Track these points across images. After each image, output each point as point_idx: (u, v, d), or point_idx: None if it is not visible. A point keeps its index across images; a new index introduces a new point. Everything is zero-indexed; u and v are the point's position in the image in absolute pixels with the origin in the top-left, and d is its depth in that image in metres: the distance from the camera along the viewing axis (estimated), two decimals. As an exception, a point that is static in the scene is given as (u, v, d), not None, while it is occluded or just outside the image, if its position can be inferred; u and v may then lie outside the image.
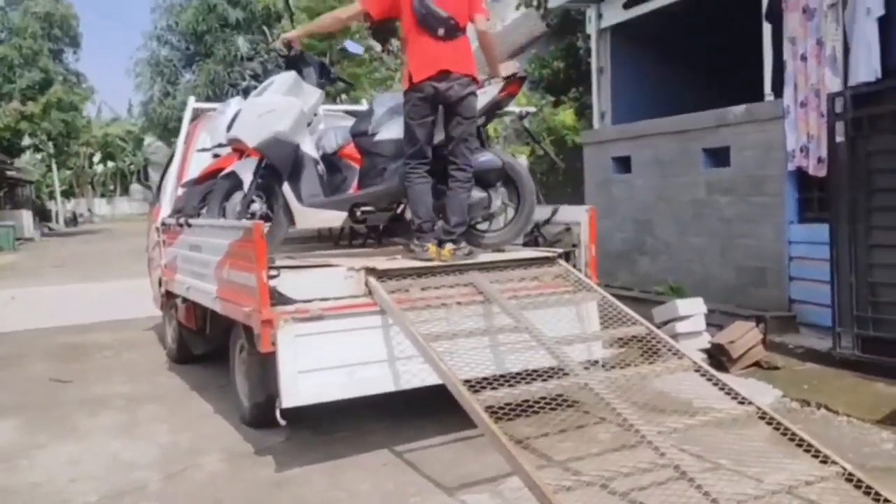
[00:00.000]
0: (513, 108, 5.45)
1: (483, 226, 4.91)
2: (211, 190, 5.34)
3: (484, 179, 4.74)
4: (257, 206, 4.86)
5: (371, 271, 4.29)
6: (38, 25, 29.26)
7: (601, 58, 8.75)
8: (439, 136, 4.61)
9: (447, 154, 4.55)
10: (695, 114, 7.19)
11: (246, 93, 6.50)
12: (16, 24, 29.34)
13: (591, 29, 8.86)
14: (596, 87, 8.83)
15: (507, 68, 4.74)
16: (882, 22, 5.45)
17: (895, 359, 4.75)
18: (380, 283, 4.23)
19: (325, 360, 3.97)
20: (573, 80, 12.09)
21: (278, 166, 4.79)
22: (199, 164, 6.03)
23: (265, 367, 4.19)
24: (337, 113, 6.78)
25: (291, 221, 4.99)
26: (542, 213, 5.18)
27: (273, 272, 4.02)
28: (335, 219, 5.02)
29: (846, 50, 5.72)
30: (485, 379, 3.67)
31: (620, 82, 8.66)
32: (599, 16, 8.62)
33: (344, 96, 12.32)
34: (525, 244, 5.17)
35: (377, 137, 4.79)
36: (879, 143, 5.07)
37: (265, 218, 4.72)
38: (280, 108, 4.76)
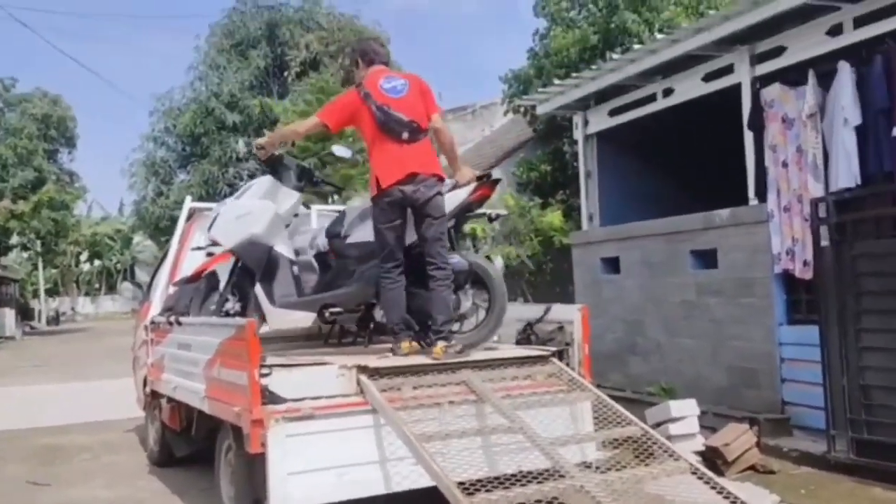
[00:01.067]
0: (484, 209, 5.44)
1: (454, 327, 4.85)
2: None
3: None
4: (230, 305, 4.92)
5: (363, 369, 4.24)
6: (34, 126, 29.84)
7: (588, 162, 9.01)
8: (412, 238, 4.65)
9: (424, 255, 4.56)
10: (682, 216, 7.36)
11: (244, 194, 6.64)
12: (12, 125, 29.90)
13: (577, 134, 9.16)
14: (584, 190, 9.05)
15: (465, 174, 4.73)
16: (860, 130, 5.69)
17: (891, 463, 4.69)
18: (371, 382, 4.17)
19: (315, 461, 3.87)
20: (560, 183, 12.43)
21: (251, 267, 4.91)
22: (192, 263, 6.06)
23: (253, 469, 4.06)
24: (331, 213, 6.89)
25: (263, 320, 5.00)
26: (534, 311, 5.20)
27: (265, 370, 3.98)
28: (306, 319, 5.05)
29: (826, 157, 5.95)
30: (479, 481, 3.56)
31: (607, 185, 8.89)
32: (586, 122, 8.94)
33: (336, 196, 12.56)
34: (518, 342, 5.16)
35: (349, 240, 4.86)
36: (863, 247, 5.19)
37: (238, 316, 4.79)
38: (255, 211, 4.90)
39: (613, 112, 8.51)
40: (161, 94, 18.55)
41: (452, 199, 4.71)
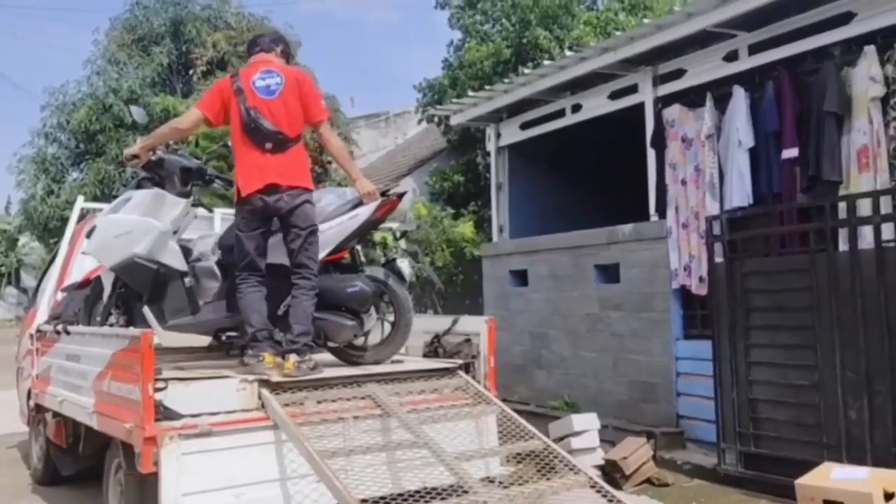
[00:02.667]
0: (392, 223, 5.17)
1: (359, 341, 4.75)
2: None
3: (354, 309, 4.55)
4: (114, 319, 4.67)
5: (265, 383, 4.12)
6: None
7: (499, 174, 9.11)
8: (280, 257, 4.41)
9: (290, 266, 4.34)
10: (587, 231, 7.53)
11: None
12: None
13: (490, 147, 9.26)
14: (494, 201, 9.15)
15: (364, 186, 4.45)
16: (752, 152, 5.98)
17: (776, 476, 4.90)
18: (273, 396, 4.05)
19: (211, 480, 3.71)
20: (473, 194, 12.51)
21: (136, 289, 4.59)
22: (82, 268, 5.75)
23: (144, 489, 3.86)
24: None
25: None
26: (442, 323, 5.19)
27: (160, 384, 3.79)
28: (200, 340, 4.81)
29: (721, 176, 6.22)
30: (382, 498, 3.54)
31: (518, 197, 9.02)
32: (498, 135, 9.05)
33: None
34: (425, 355, 5.14)
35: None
36: (753, 264, 5.44)
37: None
38: (136, 229, 4.54)
39: (525, 125, 8.65)
40: (55, 87, 17.56)
41: (352, 221, 4.54)
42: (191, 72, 17.64)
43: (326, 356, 4.66)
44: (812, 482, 4.28)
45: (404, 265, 4.75)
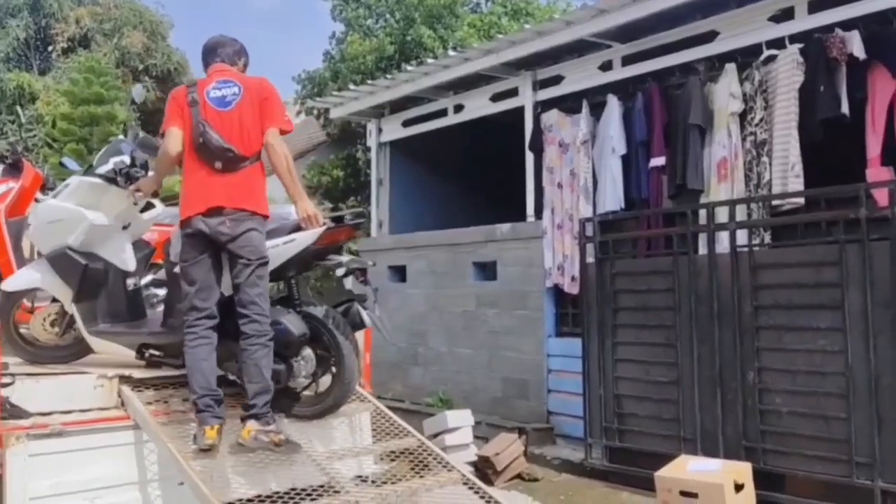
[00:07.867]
0: (344, 256, 4.26)
1: (296, 386, 4.07)
2: None
3: (280, 352, 3.86)
4: None
5: (126, 379, 3.90)
6: None
7: (380, 169, 9.06)
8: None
9: (235, 304, 3.82)
10: (466, 228, 7.62)
11: (-13, 177, 5.80)
12: None
13: (371, 142, 9.20)
14: (375, 197, 9.10)
15: (305, 207, 3.77)
16: (624, 159, 6.24)
17: (638, 469, 5.14)
18: (135, 394, 3.85)
19: (63, 484, 3.48)
20: (352, 189, 12.40)
21: (65, 283, 4.17)
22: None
23: (-13, 494, 3.57)
24: None
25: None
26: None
27: (6, 379, 3.54)
28: (128, 354, 4.31)
29: (595, 181, 6.45)
30: (249, 501, 3.43)
31: (399, 194, 9.00)
32: (380, 130, 9.00)
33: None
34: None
35: (177, 269, 3.98)
36: (622, 265, 5.69)
37: None
38: (67, 218, 4.17)
39: (407, 123, 8.64)
40: None
41: (289, 247, 3.93)
42: (50, 48, 16.51)
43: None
44: (669, 474, 4.50)
45: (364, 312, 4.09)
